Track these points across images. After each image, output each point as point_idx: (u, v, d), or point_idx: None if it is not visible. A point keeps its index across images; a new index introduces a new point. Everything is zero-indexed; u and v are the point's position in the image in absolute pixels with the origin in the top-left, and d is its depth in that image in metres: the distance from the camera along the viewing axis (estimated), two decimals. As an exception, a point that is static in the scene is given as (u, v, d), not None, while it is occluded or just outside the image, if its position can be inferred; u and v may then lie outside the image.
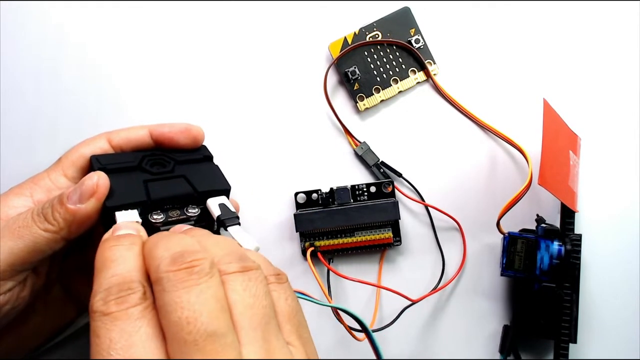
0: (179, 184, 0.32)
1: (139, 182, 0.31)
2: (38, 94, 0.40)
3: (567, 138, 0.38)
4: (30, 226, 0.28)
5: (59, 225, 0.28)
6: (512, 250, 0.37)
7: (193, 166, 0.33)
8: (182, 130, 0.34)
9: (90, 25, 0.41)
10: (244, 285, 0.23)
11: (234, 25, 0.41)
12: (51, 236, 0.28)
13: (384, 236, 0.38)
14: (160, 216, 0.30)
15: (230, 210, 0.31)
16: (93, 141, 0.33)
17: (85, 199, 0.28)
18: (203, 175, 0.33)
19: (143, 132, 0.33)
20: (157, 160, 0.33)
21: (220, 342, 0.20)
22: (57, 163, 0.32)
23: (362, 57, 0.41)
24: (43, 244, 0.28)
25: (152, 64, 0.41)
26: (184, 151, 0.34)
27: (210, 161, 0.35)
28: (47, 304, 0.33)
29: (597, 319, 0.38)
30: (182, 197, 0.31)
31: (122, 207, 0.29)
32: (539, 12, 0.41)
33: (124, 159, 0.32)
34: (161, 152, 0.33)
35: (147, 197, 0.30)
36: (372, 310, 0.39)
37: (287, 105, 0.41)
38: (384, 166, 0.40)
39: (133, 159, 0.32)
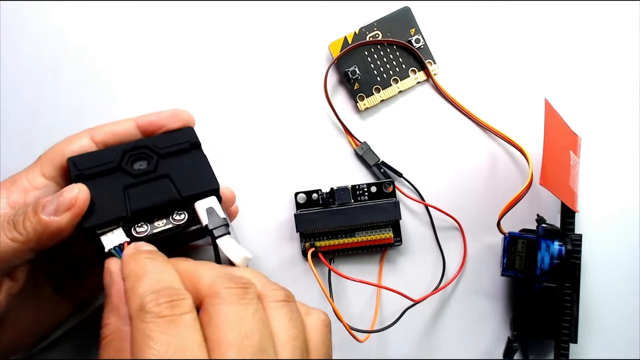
0: (161, 188, 0.29)
1: (119, 190, 0.29)
2: (37, 94, 0.40)
3: (567, 138, 0.38)
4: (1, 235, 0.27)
5: (27, 235, 0.27)
6: (512, 250, 0.36)
7: (178, 160, 0.31)
8: (171, 115, 0.32)
9: (90, 25, 0.41)
10: (289, 316, 0.23)
11: (234, 25, 0.41)
12: (17, 246, 0.27)
13: (385, 236, 0.38)
14: (144, 228, 0.28)
15: (219, 217, 0.29)
16: (75, 138, 0.31)
17: (61, 211, 0.27)
18: (189, 172, 0.30)
19: (129, 124, 0.32)
20: (139, 155, 0.30)
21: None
22: (35, 162, 0.31)
23: (363, 57, 0.41)
24: (9, 253, 0.27)
25: (153, 64, 0.41)
26: (168, 138, 0.31)
27: (198, 149, 0.32)
28: (39, 303, 0.32)
29: (597, 319, 0.38)
30: (165, 204, 0.29)
31: (101, 226, 0.28)
32: (539, 12, 0.41)
33: (103, 159, 0.30)
34: (143, 145, 0.31)
35: (127, 209, 0.28)
36: (372, 311, 0.39)
37: (287, 105, 0.41)
38: (384, 166, 0.40)
39: (113, 158, 0.30)
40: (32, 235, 0.27)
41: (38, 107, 0.40)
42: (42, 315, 0.32)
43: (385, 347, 0.39)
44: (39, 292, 0.32)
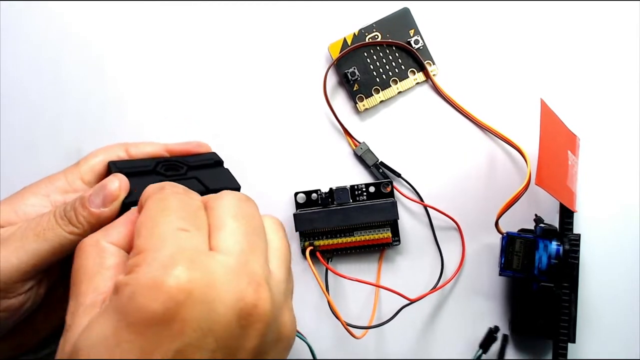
0: (192, 183, 0.33)
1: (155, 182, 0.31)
2: (40, 94, 0.41)
3: (565, 138, 0.38)
4: (55, 228, 0.28)
5: (83, 227, 0.28)
6: (510, 250, 0.37)
7: (205, 170, 0.35)
8: (196, 146, 0.36)
9: (93, 25, 0.41)
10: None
11: (234, 26, 0.41)
12: (76, 238, 0.28)
13: (383, 236, 0.39)
14: None
15: None
16: (111, 148, 0.34)
17: (109, 202, 0.29)
18: (214, 176, 0.34)
19: (159, 146, 0.35)
20: (171, 165, 0.34)
21: None
22: (74, 166, 0.33)
23: (362, 58, 0.41)
24: (67, 245, 0.28)
25: (154, 65, 0.41)
26: (195, 157, 0.35)
27: (221, 166, 0.36)
28: (50, 302, 0.33)
29: (595, 319, 0.38)
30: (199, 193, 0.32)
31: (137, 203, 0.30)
32: (538, 12, 0.41)
33: (139, 164, 0.33)
34: (175, 159, 0.35)
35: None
36: (371, 310, 0.39)
37: (286, 106, 0.41)
38: (383, 166, 0.40)
39: (148, 164, 0.33)
40: (87, 227, 0.28)
41: (40, 106, 0.40)
42: (52, 313, 0.33)
43: (383, 347, 0.39)
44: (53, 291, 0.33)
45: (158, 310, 0.20)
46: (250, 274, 0.23)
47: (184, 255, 0.22)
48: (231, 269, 0.22)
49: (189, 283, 0.21)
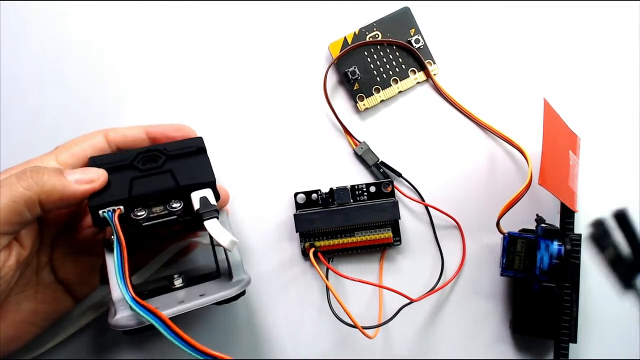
0: (163, 179, 0.32)
1: (126, 180, 0.32)
2: (41, 94, 0.40)
3: (566, 138, 0.38)
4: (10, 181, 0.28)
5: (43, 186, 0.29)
6: (512, 250, 0.36)
7: (183, 160, 0.34)
8: (176, 129, 0.36)
9: (94, 26, 0.41)
10: None
11: (234, 26, 0.41)
12: (31, 197, 0.28)
13: (384, 236, 0.38)
14: (142, 212, 0.31)
15: (210, 204, 0.31)
16: (91, 135, 0.34)
17: (82, 182, 0.30)
18: (190, 168, 0.33)
19: (140, 131, 0.35)
20: (150, 156, 0.33)
21: None
22: (51, 151, 0.33)
23: (362, 57, 0.41)
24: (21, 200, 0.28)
25: (154, 64, 0.41)
26: (179, 143, 0.34)
27: (203, 153, 0.34)
28: (38, 290, 0.33)
29: (596, 319, 0.38)
30: (163, 192, 0.32)
31: (103, 206, 0.30)
32: (539, 12, 0.41)
33: (117, 159, 0.33)
34: (155, 148, 0.34)
35: (129, 194, 0.31)
36: (372, 310, 0.39)
37: (287, 105, 0.41)
38: (383, 166, 0.40)
39: (127, 157, 0.33)
40: (47, 189, 0.29)
41: (41, 107, 0.40)
42: (41, 304, 0.33)
43: (384, 347, 0.39)
44: (40, 278, 0.33)
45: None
46: None
47: None
48: None
49: None
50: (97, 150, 0.33)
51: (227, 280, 0.33)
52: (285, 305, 0.39)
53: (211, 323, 0.39)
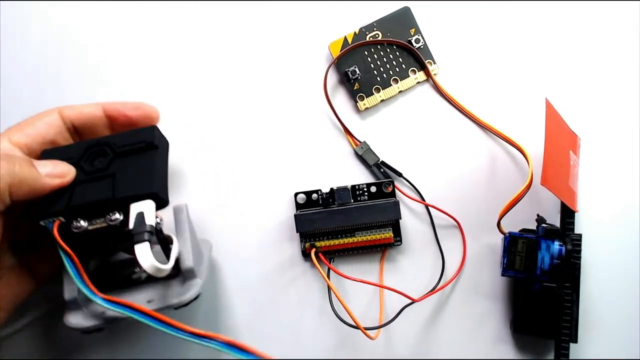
0: (102, 187, 0.31)
1: (69, 186, 0.31)
2: (39, 94, 0.40)
3: (567, 138, 0.38)
4: None
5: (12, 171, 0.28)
6: (512, 251, 0.36)
7: (131, 159, 0.31)
8: (135, 107, 0.35)
9: (93, 26, 0.41)
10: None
11: (234, 25, 0.41)
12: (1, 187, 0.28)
13: (385, 236, 0.38)
14: (80, 224, 0.30)
15: (145, 224, 0.29)
16: (45, 113, 0.33)
17: (52, 176, 0.30)
18: (134, 173, 0.31)
19: (96, 108, 0.34)
20: (100, 151, 0.32)
21: None
22: (4, 132, 0.32)
23: (362, 57, 0.41)
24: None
25: (153, 64, 0.41)
26: (129, 136, 0.32)
27: (153, 149, 0.32)
28: (2, 274, 0.32)
29: (597, 319, 0.38)
30: (100, 203, 0.30)
31: (42, 217, 0.30)
32: (539, 11, 0.41)
33: (69, 154, 0.32)
34: (105, 142, 0.32)
35: (67, 204, 0.30)
36: (373, 310, 0.39)
37: (287, 105, 0.41)
38: (384, 166, 0.40)
39: (76, 154, 0.32)
40: (17, 181, 0.28)
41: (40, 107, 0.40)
42: (3, 289, 0.32)
43: (384, 347, 0.39)
44: (3, 262, 0.32)
45: None
46: None
47: None
48: None
49: None
50: (52, 128, 0.33)
51: (180, 283, 0.32)
52: (285, 306, 0.39)
53: (211, 323, 0.39)
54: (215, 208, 0.40)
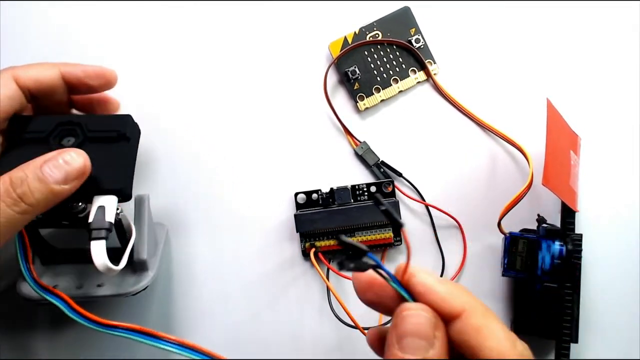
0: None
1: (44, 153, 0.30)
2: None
3: (568, 138, 0.38)
4: (4, 210, 0.26)
5: (37, 205, 0.27)
6: (513, 251, 0.36)
7: (101, 148, 0.31)
8: (95, 72, 0.33)
9: (93, 26, 0.41)
10: None
11: (234, 25, 0.41)
12: (28, 217, 0.27)
13: (385, 236, 0.38)
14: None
15: (104, 220, 0.29)
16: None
17: (71, 180, 0.28)
18: (102, 164, 0.30)
19: (53, 71, 0.32)
20: (71, 131, 0.31)
21: None
22: None
23: (362, 57, 0.41)
24: (17, 224, 0.27)
25: (153, 64, 0.41)
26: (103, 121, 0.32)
27: (124, 140, 0.32)
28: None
29: (598, 319, 0.38)
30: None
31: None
32: (539, 12, 0.41)
33: (37, 128, 0.31)
34: (77, 122, 0.32)
35: None
36: (373, 310, 0.39)
37: (287, 105, 0.41)
38: (384, 166, 0.40)
39: (46, 127, 0.31)
40: (43, 204, 0.27)
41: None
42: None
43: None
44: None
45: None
46: None
47: None
48: None
49: None
50: (11, 101, 0.30)
51: (132, 273, 0.34)
52: (285, 306, 0.39)
53: (211, 322, 0.39)
54: (215, 208, 0.40)
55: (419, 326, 0.23)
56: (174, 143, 0.40)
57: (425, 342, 0.23)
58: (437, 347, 0.23)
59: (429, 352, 0.23)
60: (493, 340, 0.23)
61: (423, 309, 0.23)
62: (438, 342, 0.23)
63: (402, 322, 0.23)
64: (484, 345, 0.22)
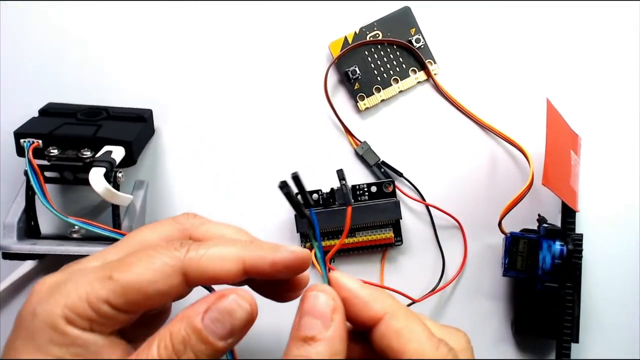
0: (88, 129, 0.35)
1: (58, 123, 0.35)
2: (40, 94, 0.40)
3: (568, 138, 0.38)
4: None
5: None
6: (514, 251, 0.36)
7: (120, 122, 0.37)
8: (285, 263, 0.25)
9: (92, 26, 0.41)
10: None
11: (234, 25, 0.41)
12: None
13: (385, 236, 0.38)
14: (55, 151, 0.34)
15: (109, 157, 0.33)
16: (164, 274, 0.24)
17: (237, 332, 0.23)
18: (118, 128, 0.36)
19: (236, 266, 0.25)
20: (98, 111, 0.37)
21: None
22: (101, 266, 0.24)
23: (363, 57, 0.41)
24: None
25: (155, 64, 0.41)
26: (127, 110, 0.38)
27: (142, 122, 0.38)
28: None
29: (599, 319, 0.38)
30: (79, 138, 0.34)
31: (25, 136, 0.34)
32: (539, 11, 0.41)
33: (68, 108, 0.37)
34: (105, 108, 0.38)
35: (50, 132, 0.34)
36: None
37: (287, 105, 0.41)
38: (384, 166, 0.40)
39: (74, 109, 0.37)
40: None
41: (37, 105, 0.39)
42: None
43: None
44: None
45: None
46: None
47: None
48: None
49: None
50: (160, 295, 0.23)
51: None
52: (285, 306, 0.39)
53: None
54: (215, 208, 0.40)
55: (316, 306, 0.23)
56: (173, 143, 0.40)
57: (321, 322, 0.23)
58: (333, 328, 0.23)
59: (325, 332, 0.23)
60: (414, 342, 0.23)
61: (324, 290, 0.24)
62: (334, 324, 0.23)
63: (303, 301, 0.24)
64: (405, 348, 0.23)
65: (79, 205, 0.39)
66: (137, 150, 0.36)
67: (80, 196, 0.39)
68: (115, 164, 0.33)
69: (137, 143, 0.36)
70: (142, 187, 0.38)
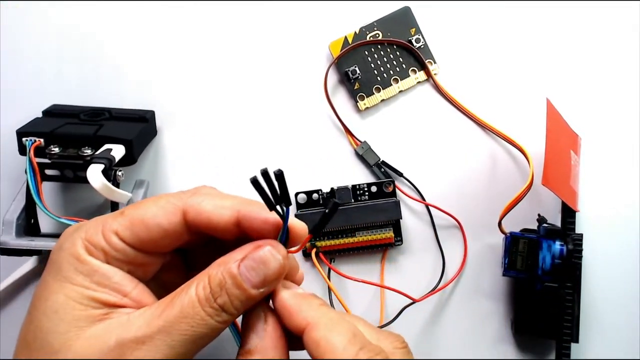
0: (89, 128, 0.35)
1: (60, 122, 0.36)
2: (40, 94, 0.40)
3: (568, 138, 0.38)
4: (206, 320, 0.23)
5: (238, 312, 0.24)
6: (514, 251, 0.36)
7: (122, 122, 0.37)
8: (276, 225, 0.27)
9: (93, 26, 0.41)
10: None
11: (234, 25, 0.41)
12: (228, 325, 0.25)
13: (385, 236, 0.38)
14: (56, 150, 0.34)
15: (109, 154, 0.33)
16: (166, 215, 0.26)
17: (268, 283, 0.24)
18: (119, 127, 0.36)
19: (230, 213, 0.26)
20: (101, 111, 0.38)
21: None
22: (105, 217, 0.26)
23: (363, 57, 0.41)
24: (219, 332, 0.24)
25: (155, 64, 0.41)
26: (130, 111, 0.39)
27: (144, 122, 0.38)
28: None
29: (599, 319, 0.38)
30: (80, 137, 0.35)
31: (27, 135, 0.34)
32: (539, 11, 0.41)
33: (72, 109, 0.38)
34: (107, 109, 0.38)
35: (51, 131, 0.34)
36: (373, 310, 0.39)
37: (287, 105, 0.41)
38: (384, 166, 0.40)
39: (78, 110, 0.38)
40: (241, 311, 0.25)
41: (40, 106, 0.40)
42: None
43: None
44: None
45: None
46: None
47: None
48: None
49: None
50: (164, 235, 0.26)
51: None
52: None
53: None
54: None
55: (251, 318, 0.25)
56: (173, 143, 0.40)
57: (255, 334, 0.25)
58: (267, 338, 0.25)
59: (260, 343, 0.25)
60: (329, 353, 0.23)
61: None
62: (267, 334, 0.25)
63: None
64: (323, 358, 0.23)
65: (79, 205, 0.40)
66: (138, 149, 0.36)
67: (81, 195, 0.39)
68: (114, 161, 0.33)
69: (138, 142, 0.36)
70: (143, 186, 0.38)
